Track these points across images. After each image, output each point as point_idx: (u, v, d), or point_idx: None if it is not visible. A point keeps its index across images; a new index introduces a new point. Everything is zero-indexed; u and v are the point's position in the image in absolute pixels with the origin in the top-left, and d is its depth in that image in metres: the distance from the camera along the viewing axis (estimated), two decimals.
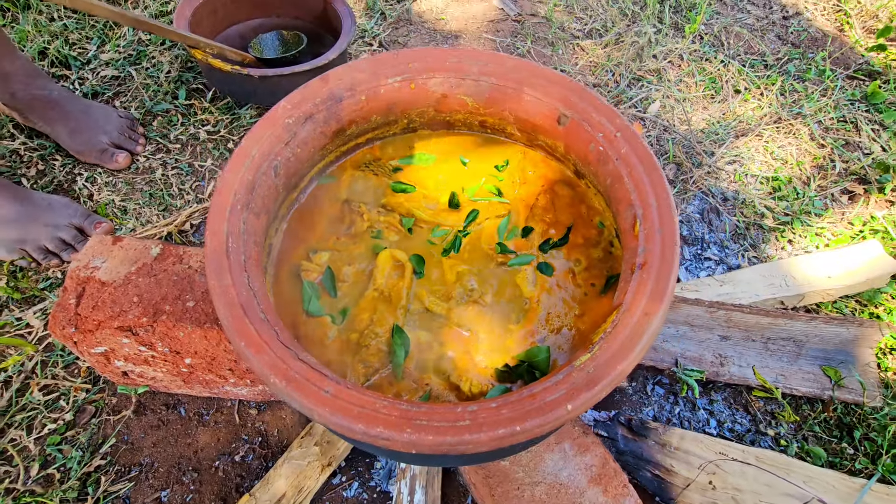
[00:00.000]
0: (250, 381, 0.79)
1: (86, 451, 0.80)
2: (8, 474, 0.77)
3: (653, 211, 0.53)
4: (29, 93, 1.07)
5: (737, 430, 0.86)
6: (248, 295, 0.48)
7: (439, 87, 0.69)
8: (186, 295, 0.69)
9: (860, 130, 1.25)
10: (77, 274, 0.71)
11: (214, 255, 0.49)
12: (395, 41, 1.42)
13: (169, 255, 0.74)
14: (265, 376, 0.43)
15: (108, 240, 0.75)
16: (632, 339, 0.45)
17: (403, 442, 0.39)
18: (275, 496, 0.74)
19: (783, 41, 1.44)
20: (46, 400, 0.84)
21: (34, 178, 1.09)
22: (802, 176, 1.17)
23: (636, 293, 0.48)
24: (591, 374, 0.43)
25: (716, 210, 1.11)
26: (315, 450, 0.79)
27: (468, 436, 0.40)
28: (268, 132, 0.59)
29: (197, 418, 0.85)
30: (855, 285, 0.95)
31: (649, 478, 0.78)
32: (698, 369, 0.85)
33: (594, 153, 0.62)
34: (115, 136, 1.12)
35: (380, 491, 0.80)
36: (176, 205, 1.09)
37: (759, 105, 1.28)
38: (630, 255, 0.53)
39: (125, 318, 0.67)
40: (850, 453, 0.83)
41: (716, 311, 0.87)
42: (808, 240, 1.07)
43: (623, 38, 1.40)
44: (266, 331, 0.46)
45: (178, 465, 0.81)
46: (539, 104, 0.66)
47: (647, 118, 1.24)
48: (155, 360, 0.73)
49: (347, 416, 0.40)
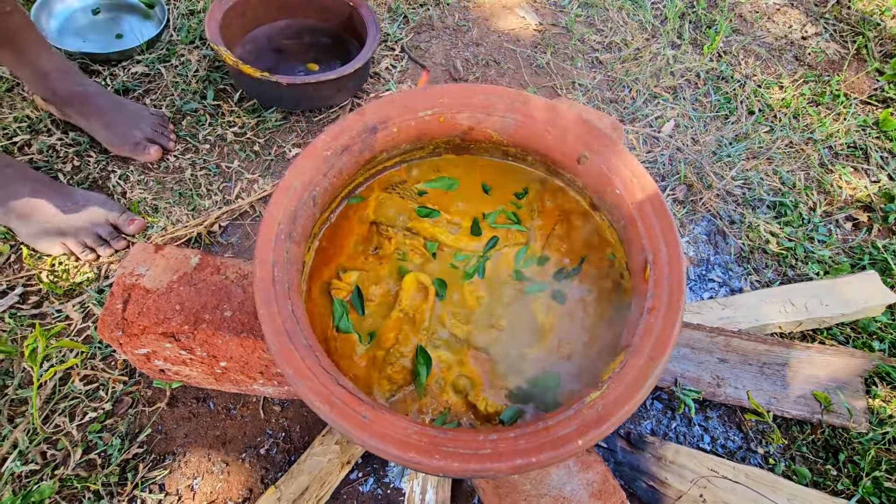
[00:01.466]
0: (277, 382, 0.85)
1: (124, 439, 0.87)
2: (53, 458, 0.84)
3: (662, 257, 0.58)
4: (67, 88, 1.11)
5: (729, 446, 0.92)
6: (292, 323, 0.53)
7: (467, 121, 0.73)
8: (224, 305, 0.75)
9: (869, 158, 1.28)
10: (123, 280, 0.76)
11: (263, 284, 0.54)
12: (416, 46, 1.45)
13: (207, 265, 0.79)
14: (310, 401, 0.49)
15: (151, 247, 0.80)
16: (638, 380, 0.50)
17: (433, 467, 0.45)
18: (299, 489, 0.81)
19: (800, 62, 1.46)
20: (87, 390, 0.90)
21: (70, 174, 1.14)
22: (809, 202, 1.21)
23: (644, 336, 0.53)
24: (601, 412, 0.48)
25: (722, 232, 1.15)
26: (335, 448, 0.85)
27: (489, 464, 0.45)
28: (309, 164, 0.64)
29: (225, 412, 0.92)
30: (851, 314, 0.99)
31: (644, 488, 0.84)
32: (696, 389, 0.90)
33: (610, 195, 0.66)
34: (147, 132, 1.16)
35: (393, 487, 0.87)
36: (204, 205, 1.14)
37: (772, 128, 1.31)
38: (639, 298, 0.58)
39: (168, 324, 0.72)
40: (833, 474, 0.88)
41: (716, 336, 0.92)
42: (809, 266, 1.11)
43: (642, 53, 1.43)
44: (309, 356, 0.52)
45: (208, 456, 0.88)
46: (561, 143, 0.70)
47: (661, 137, 1.27)
48: (192, 362, 0.79)
49: (383, 441, 0.46)
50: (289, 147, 1.24)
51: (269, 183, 1.18)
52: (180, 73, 1.31)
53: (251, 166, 1.21)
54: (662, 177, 1.23)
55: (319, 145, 0.65)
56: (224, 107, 1.26)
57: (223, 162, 1.20)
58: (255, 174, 1.19)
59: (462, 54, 1.44)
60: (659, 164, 1.24)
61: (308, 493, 0.81)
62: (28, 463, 0.82)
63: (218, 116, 1.26)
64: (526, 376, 0.65)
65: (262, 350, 0.75)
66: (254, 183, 1.18)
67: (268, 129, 1.26)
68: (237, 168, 1.20)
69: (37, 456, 0.84)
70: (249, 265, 0.80)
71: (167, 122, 1.21)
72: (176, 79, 1.29)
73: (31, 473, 0.82)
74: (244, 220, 1.14)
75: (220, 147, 1.22)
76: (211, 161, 1.20)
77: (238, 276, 0.78)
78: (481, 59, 1.43)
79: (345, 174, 0.69)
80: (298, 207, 0.62)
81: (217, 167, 1.19)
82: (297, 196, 0.62)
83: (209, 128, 1.24)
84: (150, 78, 1.30)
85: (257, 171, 1.20)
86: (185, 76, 1.30)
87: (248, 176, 1.19)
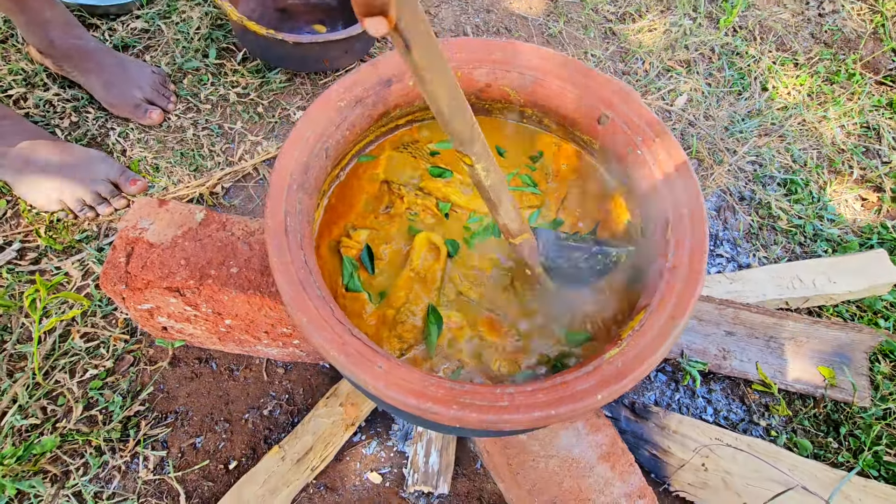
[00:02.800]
0: (282, 343, 0.84)
1: (126, 396, 0.86)
2: (54, 413, 0.83)
3: (685, 217, 0.57)
4: (66, 41, 1.07)
5: (731, 418, 0.93)
6: (305, 272, 0.52)
7: (483, 77, 0.71)
8: (230, 261, 0.73)
9: (881, 138, 1.27)
10: (126, 234, 0.74)
11: (275, 233, 0.53)
12: (426, 11, 1.41)
13: (212, 221, 0.77)
14: (324, 350, 0.47)
15: (154, 202, 0.78)
16: (657, 339, 0.49)
17: (450, 417, 0.44)
18: (303, 449, 0.80)
19: (816, 40, 1.43)
20: (87, 347, 0.89)
21: (68, 130, 1.11)
22: (820, 180, 1.20)
23: (664, 297, 0.52)
24: (620, 368, 0.47)
25: (732, 208, 1.14)
26: (340, 410, 0.85)
27: (507, 416, 0.44)
28: (322, 115, 0.62)
29: (227, 373, 0.91)
30: (858, 292, 0.99)
31: (647, 457, 0.85)
32: (702, 361, 0.90)
33: (631, 156, 0.65)
34: (148, 92, 1.13)
35: (397, 451, 0.87)
36: (206, 165, 1.12)
37: (786, 106, 1.29)
38: (660, 257, 0.57)
39: (173, 279, 0.71)
40: (834, 447, 0.89)
41: (725, 309, 0.91)
42: (818, 244, 1.10)
43: (656, 25, 1.39)
44: (323, 307, 0.50)
45: (210, 415, 0.87)
46: (581, 102, 0.68)
47: (674, 111, 1.25)
48: (196, 319, 0.78)
49: (401, 390, 0.45)
50: (293, 110, 1.21)
51: (273, 145, 1.15)
52: (181, 30, 1.26)
53: (254, 128, 1.18)
54: None
55: (333, 95, 0.63)
56: (227, 66, 1.23)
57: (226, 122, 1.17)
58: (258, 136, 1.17)
59: (472, 20, 1.40)
60: None
61: (312, 454, 0.81)
62: (28, 417, 0.82)
63: (220, 76, 1.22)
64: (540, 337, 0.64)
65: (268, 308, 0.74)
66: (257, 145, 1.16)
67: (272, 90, 1.22)
68: (240, 129, 1.17)
69: (37, 411, 0.83)
70: (255, 222, 0.78)
71: (168, 81, 1.18)
72: (177, 35, 1.25)
73: (32, 428, 0.82)
74: (247, 182, 1.11)
75: (223, 107, 1.19)
76: (213, 121, 1.17)
77: (244, 233, 0.76)
78: (492, 26, 1.39)
79: (357, 128, 0.67)
80: (310, 158, 0.60)
81: (219, 128, 1.16)
82: (309, 147, 0.60)
83: (211, 87, 1.20)
84: (149, 34, 1.26)
85: (260, 133, 1.17)
86: (186, 33, 1.26)
87: (251, 138, 1.16)
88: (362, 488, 0.83)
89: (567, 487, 0.63)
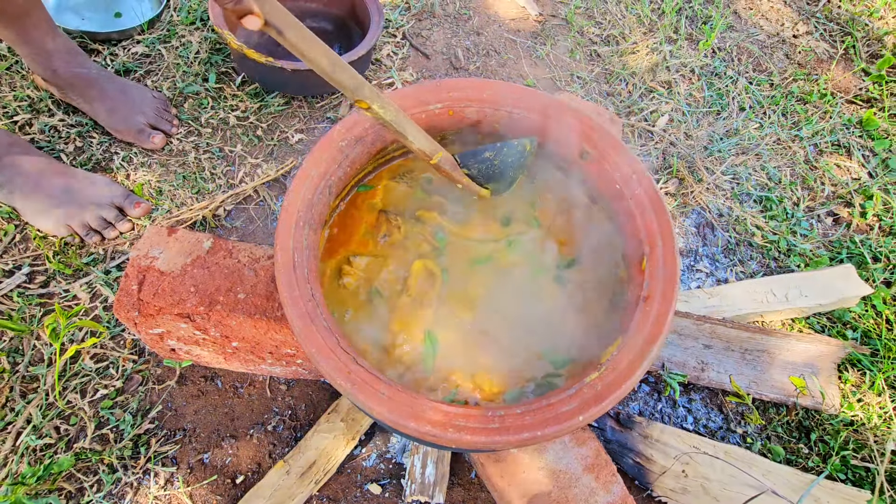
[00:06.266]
0: (285, 363, 0.88)
1: (136, 415, 0.90)
2: (67, 432, 0.87)
3: (658, 250, 0.62)
4: (70, 70, 1.11)
5: (710, 426, 0.98)
6: (312, 306, 0.57)
7: (475, 115, 0.76)
8: (237, 287, 0.78)
9: (852, 155, 1.34)
10: (137, 262, 0.78)
11: (284, 269, 0.57)
12: (418, 34, 1.46)
13: (219, 248, 0.81)
14: (332, 378, 0.52)
15: (164, 231, 0.82)
16: (634, 363, 0.54)
17: (447, 439, 0.49)
18: (307, 463, 0.85)
19: (791, 60, 1.50)
20: (97, 367, 0.93)
21: (72, 155, 1.15)
22: (793, 197, 1.26)
23: (639, 323, 0.57)
24: (599, 391, 0.53)
25: (711, 225, 1.21)
26: (341, 425, 0.89)
27: (498, 437, 0.49)
28: (325, 155, 0.66)
29: (233, 391, 0.95)
30: (827, 304, 1.06)
31: (631, 464, 0.90)
32: (681, 373, 0.96)
33: (611, 189, 0.70)
34: (150, 117, 1.17)
35: (395, 463, 0.91)
36: (208, 188, 1.16)
37: (762, 125, 1.36)
38: (635, 287, 0.62)
39: (184, 306, 0.75)
40: (805, 453, 0.95)
41: (702, 324, 0.97)
42: (791, 259, 1.17)
43: (639, 47, 1.46)
44: (329, 338, 0.55)
45: (217, 432, 0.91)
46: (565, 138, 0.73)
47: (656, 131, 1.31)
48: (205, 342, 0.82)
49: (402, 416, 0.50)
50: (291, 132, 1.25)
51: (273, 168, 1.19)
52: (181, 55, 1.30)
53: (254, 150, 1.22)
54: (655, 170, 1.27)
55: (335, 136, 0.68)
56: (226, 90, 1.27)
57: (226, 146, 1.21)
58: (257, 158, 1.21)
59: (463, 43, 1.45)
60: (653, 158, 1.29)
61: (315, 467, 0.85)
62: (42, 437, 0.85)
63: (220, 100, 1.26)
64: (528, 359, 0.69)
65: (274, 332, 0.78)
66: (257, 167, 1.20)
67: (270, 113, 1.27)
68: (240, 152, 1.21)
69: (51, 431, 0.86)
70: (260, 249, 0.83)
71: (169, 105, 1.22)
72: (177, 60, 1.29)
73: (46, 447, 0.85)
74: (248, 203, 1.16)
75: (223, 131, 1.23)
76: (214, 144, 1.21)
77: (250, 260, 0.81)
78: (482, 48, 1.45)
79: (357, 164, 0.72)
80: (315, 196, 0.65)
81: (220, 150, 1.20)
82: (314, 185, 0.65)
83: (211, 111, 1.24)
84: (150, 59, 1.30)
85: (260, 156, 1.21)
86: (186, 58, 1.30)
87: (251, 160, 1.20)
88: (363, 499, 0.88)
89: (555, 497, 0.68)
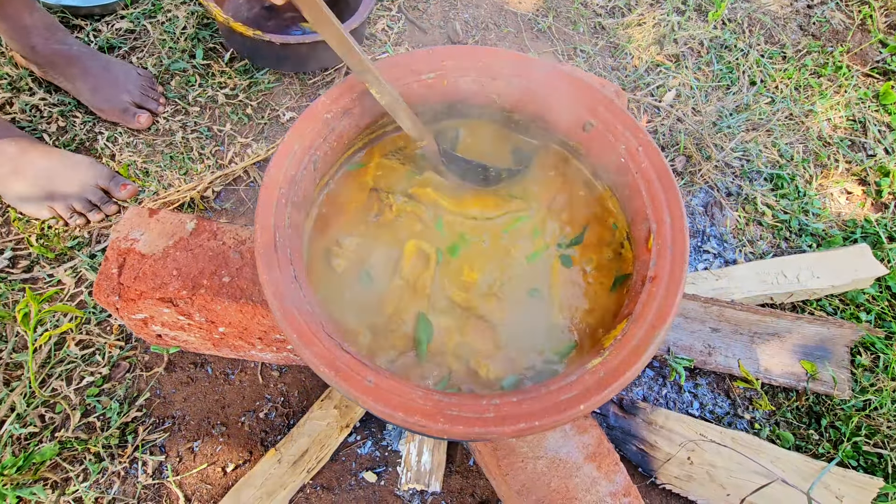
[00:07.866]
0: (276, 348, 0.85)
1: (123, 402, 0.87)
2: (52, 420, 0.84)
3: (666, 227, 0.58)
4: (49, 47, 1.06)
5: (717, 412, 0.95)
6: (295, 288, 0.53)
7: (470, 85, 0.71)
8: (222, 271, 0.74)
9: (867, 131, 1.28)
10: (117, 245, 0.75)
11: (265, 249, 0.53)
12: (414, 7, 1.40)
13: (203, 230, 0.78)
14: (315, 366, 0.49)
15: (145, 212, 0.78)
16: (639, 347, 0.51)
17: (438, 430, 0.45)
18: (299, 451, 0.82)
19: (805, 32, 1.44)
20: (83, 354, 0.90)
21: (55, 135, 1.10)
22: (806, 175, 1.21)
23: (645, 305, 0.54)
24: (602, 378, 0.49)
25: (719, 204, 1.16)
26: (334, 412, 0.86)
27: (493, 427, 0.46)
28: (309, 127, 0.62)
29: (223, 377, 0.92)
30: (841, 286, 1.01)
31: (634, 451, 0.87)
32: (688, 357, 0.92)
33: (615, 163, 0.66)
34: (136, 95, 1.12)
35: (391, 450, 0.89)
36: (196, 169, 1.12)
37: (773, 99, 1.30)
38: (642, 266, 0.58)
39: (166, 290, 0.72)
40: (815, 439, 0.92)
41: (710, 307, 0.93)
42: (803, 239, 1.12)
43: (645, 19, 1.39)
44: (313, 322, 0.52)
45: (207, 419, 0.88)
46: (566, 110, 0.69)
47: (662, 107, 1.26)
48: (190, 328, 0.79)
49: (389, 405, 0.46)
50: (282, 111, 1.20)
51: (263, 147, 1.15)
52: (167, 30, 1.25)
53: (244, 130, 1.17)
54: (662, 147, 1.22)
55: (320, 107, 0.63)
56: (214, 67, 1.22)
57: (215, 125, 1.17)
58: (247, 138, 1.16)
59: (461, 16, 1.39)
60: (659, 135, 1.23)
61: (308, 455, 0.83)
62: (27, 426, 0.83)
63: (208, 77, 1.21)
64: (527, 344, 0.66)
65: (261, 316, 0.75)
66: (247, 147, 1.16)
67: (260, 91, 1.22)
68: (229, 131, 1.17)
69: (35, 419, 0.84)
70: (247, 231, 0.79)
71: (155, 83, 1.17)
72: (163, 36, 1.24)
73: (30, 436, 0.83)
74: (238, 185, 1.12)
75: (212, 109, 1.18)
76: (202, 124, 1.16)
77: (235, 242, 0.77)
78: (481, 21, 1.38)
79: (345, 138, 0.68)
80: (299, 172, 0.61)
81: (209, 130, 1.16)
82: (297, 160, 0.60)
83: (199, 89, 1.20)
84: (135, 35, 1.25)
85: (250, 135, 1.17)
86: (172, 33, 1.25)
87: (240, 140, 1.16)
88: (358, 487, 0.85)
89: (554, 487, 0.65)
